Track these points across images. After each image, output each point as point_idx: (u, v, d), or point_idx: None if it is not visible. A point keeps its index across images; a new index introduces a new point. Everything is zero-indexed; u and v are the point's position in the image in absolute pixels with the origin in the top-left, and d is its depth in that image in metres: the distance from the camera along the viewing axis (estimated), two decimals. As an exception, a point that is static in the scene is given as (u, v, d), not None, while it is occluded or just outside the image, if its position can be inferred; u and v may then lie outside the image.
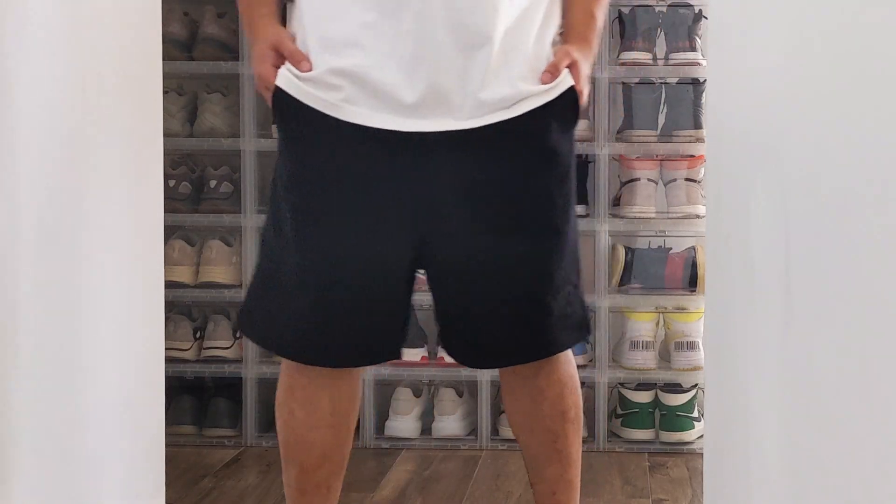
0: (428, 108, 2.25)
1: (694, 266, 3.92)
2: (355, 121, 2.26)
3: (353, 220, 2.30)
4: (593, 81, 3.93)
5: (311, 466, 2.45)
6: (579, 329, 2.46)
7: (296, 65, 2.29)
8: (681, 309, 3.93)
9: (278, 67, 2.30)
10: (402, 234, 2.30)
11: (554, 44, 2.38)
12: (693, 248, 3.96)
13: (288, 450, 2.49)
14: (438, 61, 2.25)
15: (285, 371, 2.45)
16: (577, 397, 2.51)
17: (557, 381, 2.47)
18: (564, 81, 2.33)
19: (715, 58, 2.59)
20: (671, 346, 3.93)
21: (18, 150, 2.25)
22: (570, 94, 2.34)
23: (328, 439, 2.45)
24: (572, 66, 2.34)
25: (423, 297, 2.50)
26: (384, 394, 3.99)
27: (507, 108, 2.29)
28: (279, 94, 2.30)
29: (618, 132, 3.97)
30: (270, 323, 2.39)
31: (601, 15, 2.42)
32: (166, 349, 3.05)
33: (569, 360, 2.50)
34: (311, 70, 2.28)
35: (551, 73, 2.32)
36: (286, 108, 2.32)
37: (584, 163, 3.95)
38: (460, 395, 3.95)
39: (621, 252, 3.95)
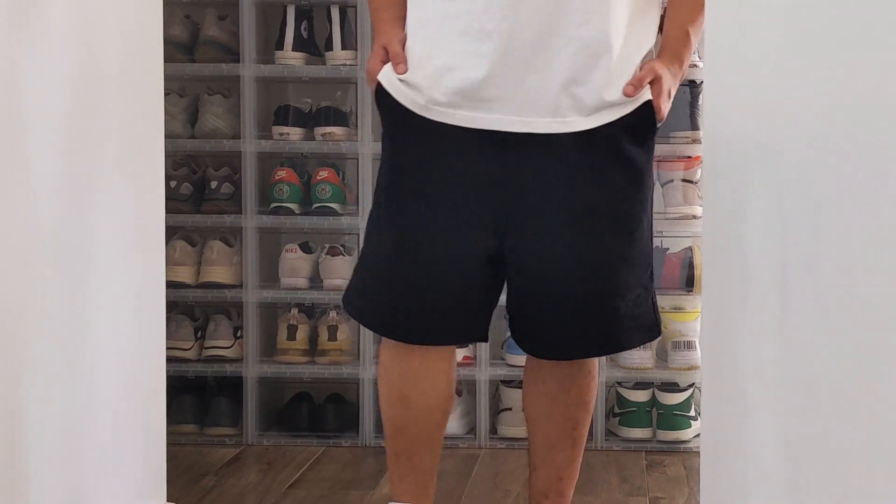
0: (510, 109, 2.38)
1: (691, 266, 3.92)
2: (440, 119, 2.41)
3: (436, 211, 2.43)
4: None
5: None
6: (647, 330, 2.57)
7: (394, 66, 2.44)
8: (678, 309, 3.93)
9: (385, 64, 2.47)
10: (482, 226, 2.42)
11: (647, 58, 2.45)
12: (690, 248, 3.96)
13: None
14: (521, 63, 2.37)
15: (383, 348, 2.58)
16: (596, 391, 2.65)
17: (588, 373, 2.61)
18: (643, 96, 2.43)
19: (711, 59, 2.59)
20: (668, 346, 3.93)
21: (21, 151, 2.25)
22: (646, 108, 2.43)
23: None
24: (654, 82, 2.43)
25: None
26: (384, 393, 3.99)
27: (587, 116, 2.40)
28: (380, 88, 2.46)
29: (615, 133, 3.97)
30: (366, 302, 2.54)
31: (695, 34, 2.51)
32: (168, 349, 3.05)
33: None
34: (404, 73, 2.44)
35: (634, 86, 2.42)
36: (383, 103, 2.47)
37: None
38: (459, 394, 3.95)
39: (619, 252, 3.94)
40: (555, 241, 2.43)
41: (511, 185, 2.41)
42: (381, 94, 2.46)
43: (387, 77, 2.45)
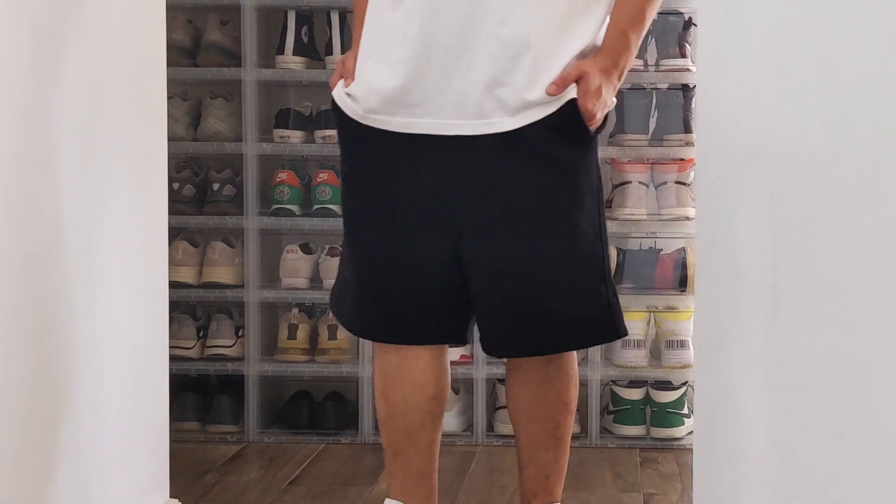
0: (437, 113, 2.36)
1: (684, 267, 3.92)
2: (379, 126, 2.41)
3: (390, 215, 2.44)
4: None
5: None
6: (600, 332, 2.53)
7: (344, 81, 2.46)
8: (671, 308, 3.93)
9: (342, 77, 2.49)
10: (434, 228, 2.42)
11: (584, 57, 2.40)
12: (683, 249, 3.96)
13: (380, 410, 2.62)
14: (443, 66, 2.35)
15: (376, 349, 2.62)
16: (577, 390, 2.62)
17: (565, 374, 2.57)
18: (567, 94, 2.36)
19: (704, 64, 2.59)
20: (662, 345, 3.93)
21: (28, 154, 2.25)
22: (574, 108, 2.37)
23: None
24: (581, 80, 2.36)
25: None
26: (382, 391, 3.99)
27: (512, 116, 2.35)
28: (333, 102, 2.48)
29: (610, 136, 3.97)
30: (344, 305, 2.57)
31: (635, 37, 2.43)
32: (170, 348, 3.05)
33: (573, 356, 2.60)
34: (348, 86, 2.45)
35: (557, 84, 2.36)
36: (335, 115, 2.49)
37: (577, 166, 3.95)
38: (457, 392, 3.95)
39: (613, 253, 3.95)
40: (487, 243, 2.40)
41: (451, 188, 2.39)
42: (334, 107, 2.48)
43: (337, 91, 2.47)
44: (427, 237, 2.42)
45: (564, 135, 2.39)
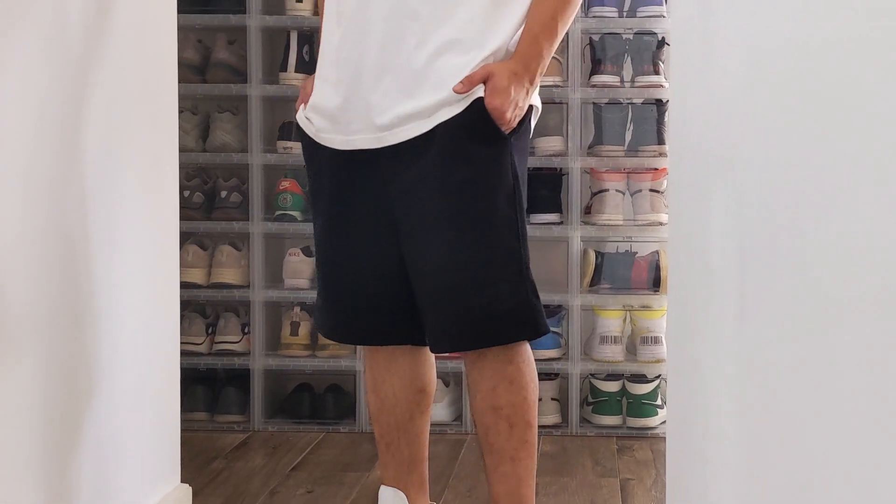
0: (365, 129, 2.37)
1: (657, 268, 3.93)
2: (327, 144, 2.42)
3: (344, 226, 2.46)
4: (566, 102, 3.94)
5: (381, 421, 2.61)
6: (518, 326, 2.37)
7: (305, 105, 2.49)
8: (646, 307, 3.94)
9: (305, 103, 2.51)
10: (383, 235, 2.42)
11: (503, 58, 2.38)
12: (657, 252, 3.97)
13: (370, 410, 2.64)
14: (368, 85, 2.36)
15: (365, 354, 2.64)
16: (516, 396, 2.40)
17: (490, 377, 2.39)
18: (473, 94, 2.33)
19: (677, 80, 2.60)
20: (637, 341, 3.94)
21: (52, 164, 2.25)
22: (481, 106, 2.33)
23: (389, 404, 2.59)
24: (488, 79, 2.32)
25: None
26: (378, 384, 3.99)
27: (427, 118, 2.33)
28: (296, 124, 2.51)
29: (589, 147, 3.98)
30: (319, 312, 2.58)
31: (547, 43, 2.38)
32: (181, 343, 3.05)
33: (510, 359, 2.40)
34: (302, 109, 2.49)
35: (464, 83, 2.32)
36: (299, 135, 2.52)
37: (559, 175, 3.97)
38: (447, 384, 3.96)
39: (592, 256, 3.96)
40: (414, 242, 2.37)
41: (389, 195, 2.38)
42: (297, 128, 2.50)
43: (300, 115, 2.49)
44: (376, 245, 2.42)
45: (474, 133, 2.33)
